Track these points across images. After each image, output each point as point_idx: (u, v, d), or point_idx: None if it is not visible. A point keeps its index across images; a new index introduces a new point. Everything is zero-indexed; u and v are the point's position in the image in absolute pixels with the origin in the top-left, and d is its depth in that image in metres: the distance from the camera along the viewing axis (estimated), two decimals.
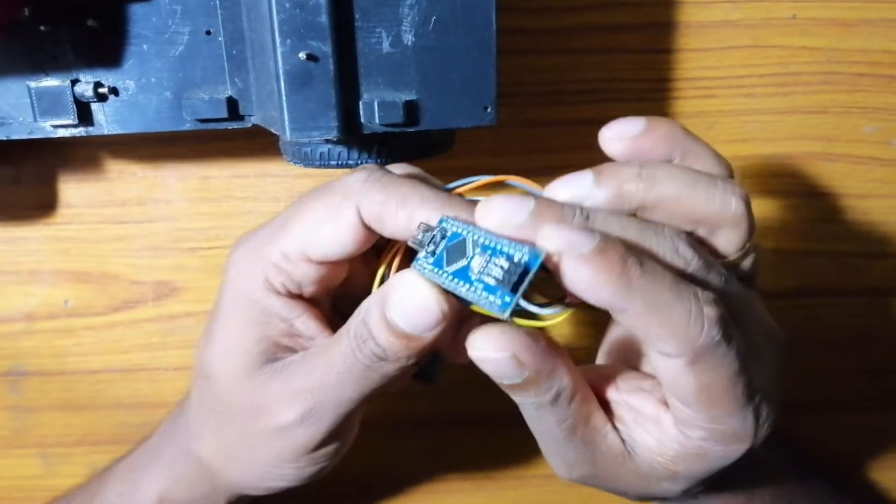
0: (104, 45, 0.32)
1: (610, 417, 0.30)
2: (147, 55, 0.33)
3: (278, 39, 0.29)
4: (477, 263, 0.25)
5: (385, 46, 0.31)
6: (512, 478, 0.49)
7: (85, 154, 0.41)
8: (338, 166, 0.34)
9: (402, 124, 0.32)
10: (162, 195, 0.42)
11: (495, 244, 0.25)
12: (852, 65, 0.41)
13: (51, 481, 0.47)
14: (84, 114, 0.33)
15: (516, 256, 0.25)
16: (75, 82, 0.32)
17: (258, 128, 0.34)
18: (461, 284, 0.26)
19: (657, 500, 0.33)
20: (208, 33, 0.32)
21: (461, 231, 0.26)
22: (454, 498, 0.49)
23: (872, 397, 0.49)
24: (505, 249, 0.25)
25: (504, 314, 0.24)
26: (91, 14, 0.32)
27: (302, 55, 0.30)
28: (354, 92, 0.31)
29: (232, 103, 0.33)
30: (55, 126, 0.33)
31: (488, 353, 0.27)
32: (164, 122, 0.33)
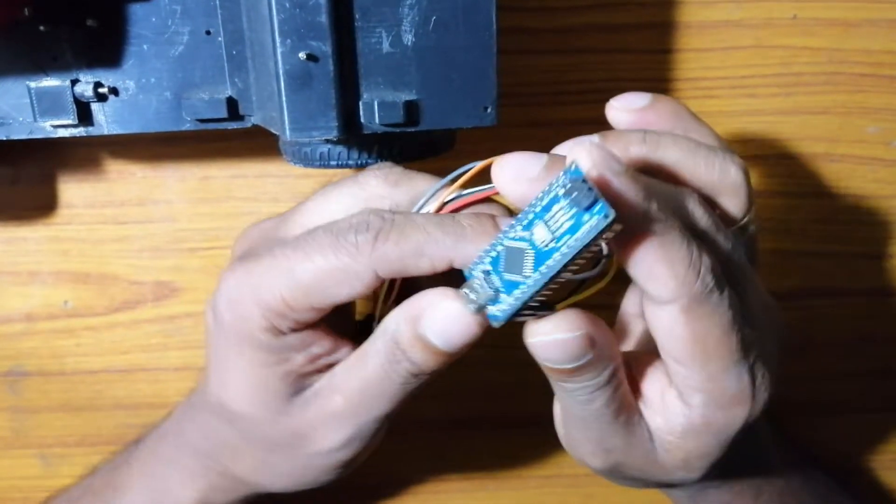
0: (104, 46, 0.32)
1: None
2: (147, 55, 0.32)
3: (278, 39, 0.29)
4: (540, 236, 0.25)
5: (385, 46, 0.31)
6: (513, 478, 0.49)
7: (85, 154, 0.41)
8: (338, 166, 0.34)
9: (403, 124, 0.32)
10: (162, 195, 0.42)
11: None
12: (855, 65, 0.41)
13: (50, 482, 0.47)
14: (84, 114, 0.33)
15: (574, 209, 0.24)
16: (75, 82, 0.32)
17: (258, 128, 0.34)
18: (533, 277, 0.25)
19: (674, 491, 0.33)
20: (208, 33, 0.32)
21: (501, 249, 0.26)
22: (455, 498, 0.49)
23: (873, 398, 0.49)
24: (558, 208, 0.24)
25: (607, 220, 0.23)
26: (91, 14, 0.32)
27: (302, 55, 0.30)
28: (354, 92, 0.31)
29: (232, 103, 0.33)
30: (55, 126, 0.33)
31: (558, 335, 0.26)
32: (164, 123, 0.33)
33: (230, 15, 0.32)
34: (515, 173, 0.26)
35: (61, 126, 0.33)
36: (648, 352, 0.31)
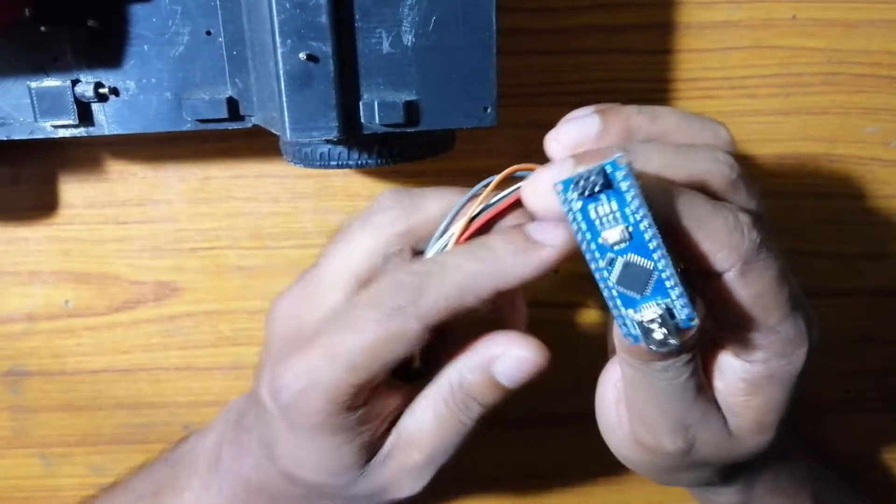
0: (105, 46, 0.32)
1: None
2: (147, 55, 0.32)
3: (279, 40, 0.29)
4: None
5: (385, 47, 0.31)
6: (513, 478, 0.49)
7: (85, 154, 0.41)
8: (338, 166, 0.34)
9: (403, 125, 0.32)
10: (162, 196, 0.42)
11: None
12: (854, 65, 0.41)
13: (51, 482, 0.47)
14: (84, 114, 0.33)
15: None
16: (76, 82, 0.32)
17: (258, 128, 0.34)
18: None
19: (751, 461, 0.32)
20: (209, 34, 0.32)
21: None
22: (454, 498, 0.49)
23: (873, 398, 0.49)
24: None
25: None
26: (91, 14, 0.32)
27: (302, 55, 0.30)
28: (355, 92, 0.31)
29: (232, 104, 0.33)
30: (56, 126, 0.33)
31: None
32: (165, 123, 0.33)
33: (231, 15, 0.32)
34: (574, 140, 0.27)
35: (62, 126, 0.33)
36: None
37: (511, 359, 0.29)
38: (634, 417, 0.31)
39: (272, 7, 0.29)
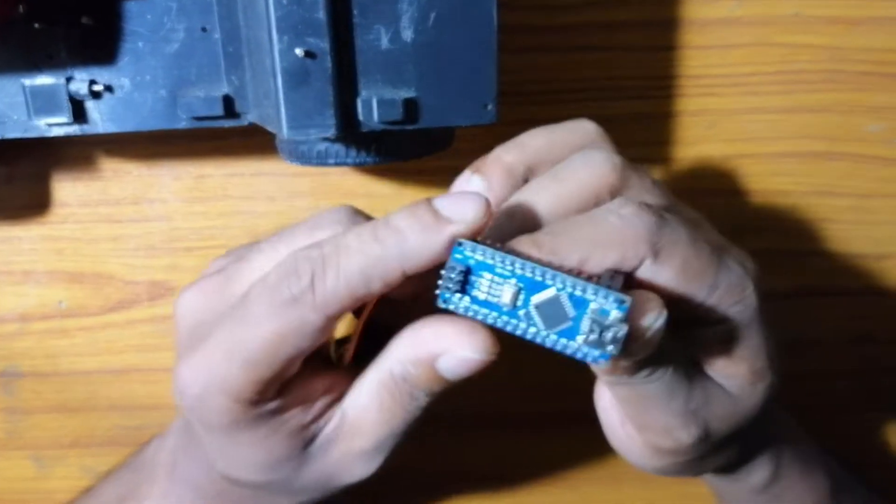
0: (99, 43, 0.32)
1: None
2: (142, 53, 0.32)
3: (275, 36, 0.29)
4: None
5: (384, 43, 0.31)
6: (513, 478, 0.49)
7: (79, 153, 0.41)
8: (335, 164, 0.34)
9: (401, 122, 0.31)
10: (157, 194, 0.42)
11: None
12: (856, 63, 0.41)
13: (44, 483, 0.46)
14: (79, 112, 0.33)
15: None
16: (70, 80, 0.32)
17: (254, 126, 0.34)
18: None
19: (766, 421, 0.33)
20: (204, 30, 0.32)
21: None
22: (453, 498, 0.49)
23: (873, 398, 0.49)
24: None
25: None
26: (86, 11, 0.32)
27: (299, 52, 0.29)
28: (352, 89, 0.31)
29: (228, 101, 0.33)
30: (50, 124, 0.33)
31: (661, 319, 0.26)
32: (160, 121, 0.33)
33: (226, 12, 0.32)
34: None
35: (56, 124, 0.33)
36: None
37: (455, 359, 0.27)
38: (643, 429, 0.31)
39: (269, 3, 0.29)
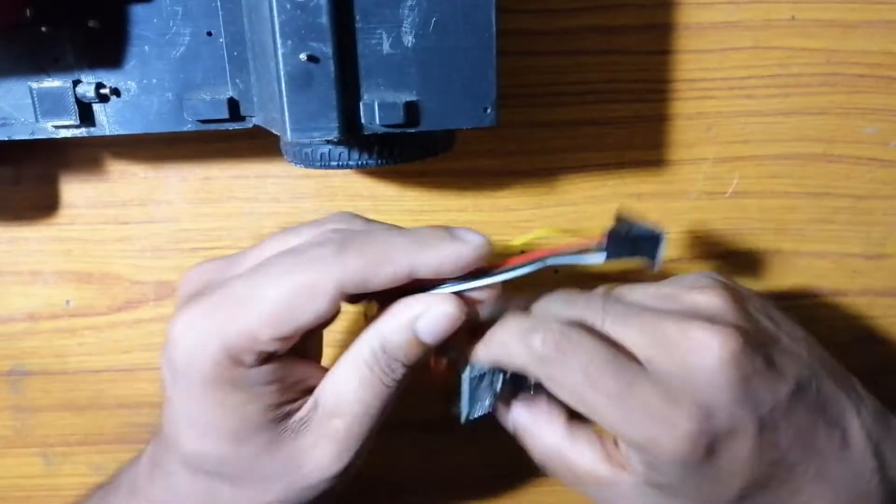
0: (106, 46, 0.32)
1: None
2: (148, 56, 0.33)
3: (279, 41, 0.30)
4: None
5: (385, 47, 0.31)
6: (513, 478, 0.49)
7: (86, 155, 0.41)
8: (338, 167, 0.34)
9: (403, 125, 0.32)
10: (163, 196, 0.42)
11: None
12: (852, 66, 0.41)
13: (52, 481, 0.47)
14: (86, 114, 0.33)
15: None
16: (77, 83, 0.33)
17: (259, 129, 0.34)
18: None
19: None
20: (209, 34, 0.33)
21: None
22: (453, 498, 0.49)
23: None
24: None
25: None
26: (92, 15, 0.32)
27: (303, 56, 0.30)
28: (355, 93, 0.31)
29: (233, 104, 0.33)
30: (57, 127, 0.33)
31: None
32: (166, 123, 0.34)
33: (231, 16, 0.32)
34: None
35: (63, 127, 0.33)
36: None
37: (434, 315, 0.30)
38: (633, 440, 0.32)
39: (273, 8, 0.29)
